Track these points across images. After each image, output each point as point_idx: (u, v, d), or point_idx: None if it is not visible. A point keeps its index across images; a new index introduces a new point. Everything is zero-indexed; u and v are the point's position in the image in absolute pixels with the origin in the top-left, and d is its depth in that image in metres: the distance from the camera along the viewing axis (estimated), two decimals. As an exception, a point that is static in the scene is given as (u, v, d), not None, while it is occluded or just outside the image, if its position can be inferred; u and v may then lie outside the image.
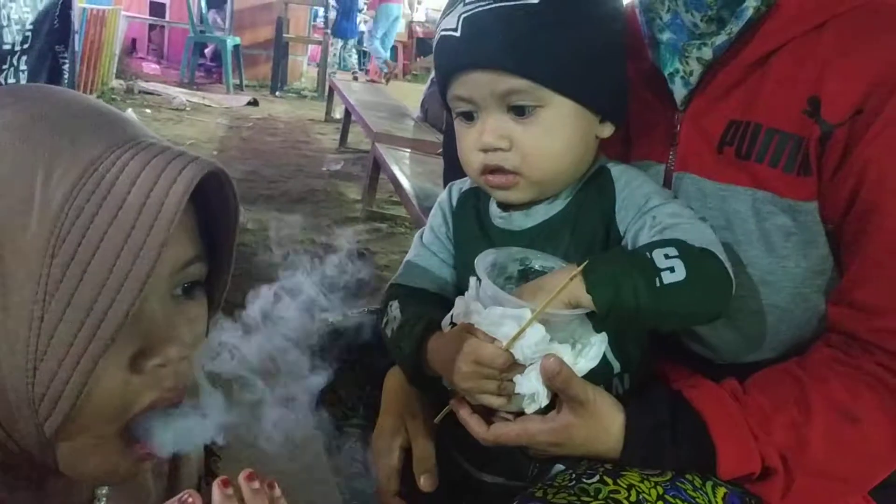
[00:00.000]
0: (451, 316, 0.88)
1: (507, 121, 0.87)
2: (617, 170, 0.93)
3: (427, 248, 1.03)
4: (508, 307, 0.81)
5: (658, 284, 0.78)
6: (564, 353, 0.81)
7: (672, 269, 0.78)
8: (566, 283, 0.78)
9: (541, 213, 0.93)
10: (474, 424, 0.85)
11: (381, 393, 1.05)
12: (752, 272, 0.89)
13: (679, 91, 0.94)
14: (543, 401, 0.81)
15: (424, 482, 0.94)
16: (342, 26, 10.14)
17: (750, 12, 0.86)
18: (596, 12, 0.89)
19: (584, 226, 0.91)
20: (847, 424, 0.81)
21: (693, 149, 0.93)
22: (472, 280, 0.86)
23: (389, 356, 1.02)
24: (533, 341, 0.80)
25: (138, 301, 0.56)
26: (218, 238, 0.70)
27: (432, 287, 1.00)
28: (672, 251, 0.79)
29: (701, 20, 0.89)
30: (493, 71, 0.85)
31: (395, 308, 0.97)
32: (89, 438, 0.62)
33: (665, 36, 0.94)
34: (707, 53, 0.89)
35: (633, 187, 0.90)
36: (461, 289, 0.91)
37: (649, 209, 0.87)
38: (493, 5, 0.84)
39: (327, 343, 1.17)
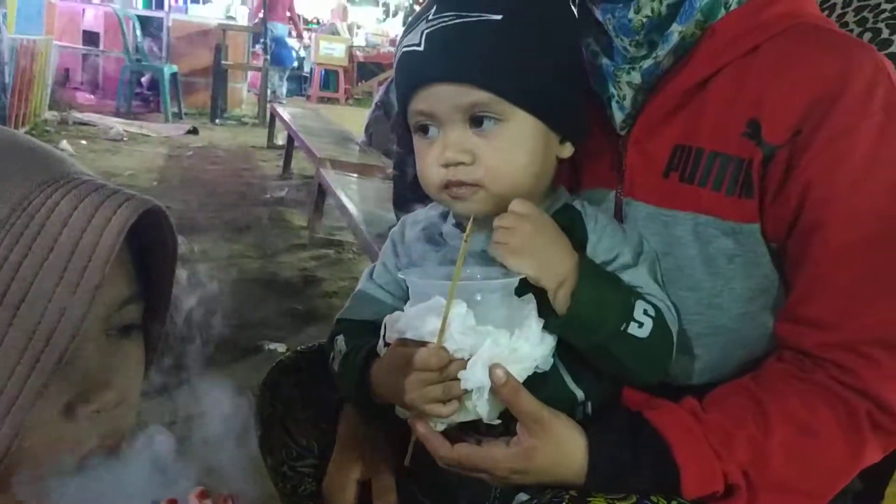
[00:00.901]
0: (383, 337, 0.87)
1: (469, 135, 0.87)
2: (585, 209, 0.94)
3: (374, 282, 1.02)
4: (433, 300, 0.81)
5: (623, 328, 0.82)
6: (501, 336, 0.80)
7: (640, 325, 0.83)
8: (464, 248, 0.82)
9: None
10: (436, 442, 0.83)
11: (337, 428, 1.02)
12: (698, 296, 0.89)
13: (617, 115, 0.95)
14: (485, 395, 0.79)
15: None
16: (281, 54, 10.06)
17: (675, 37, 0.87)
18: (556, 31, 0.90)
19: None
20: (805, 438, 0.81)
21: (639, 175, 0.94)
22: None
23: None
24: (460, 325, 0.79)
25: (72, 346, 0.54)
26: (155, 275, 0.67)
27: (378, 318, 0.98)
28: (651, 311, 0.84)
29: (630, 45, 0.91)
30: (457, 84, 0.85)
31: (340, 342, 0.96)
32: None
33: (600, 61, 0.95)
34: (636, 77, 0.91)
35: (606, 233, 0.91)
36: None
37: (625, 265, 0.89)
38: (457, 21, 0.85)
39: (277, 380, 1.13)
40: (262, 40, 9.36)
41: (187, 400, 0.66)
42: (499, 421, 0.83)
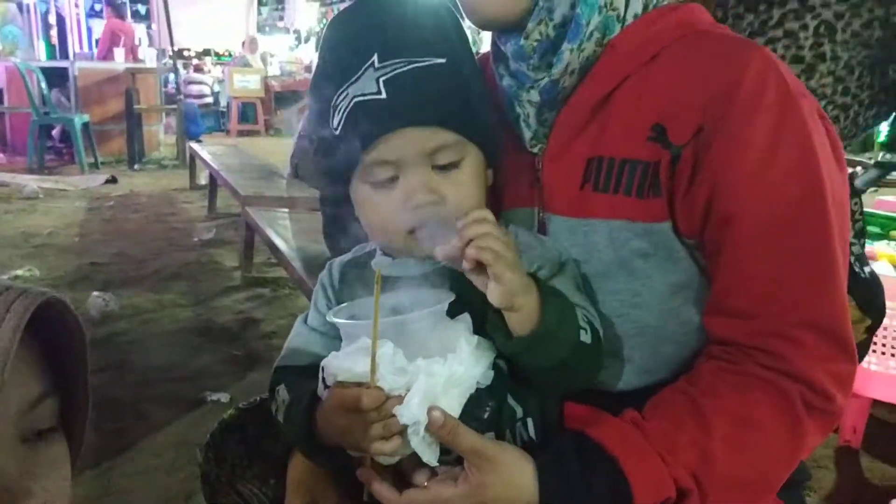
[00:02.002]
0: (323, 381, 0.86)
1: (432, 175, 0.89)
2: (506, 226, 0.95)
3: (308, 327, 1.01)
4: (361, 341, 0.81)
5: (578, 339, 0.83)
6: (434, 365, 0.80)
7: (586, 331, 0.84)
8: (377, 289, 0.80)
9: (433, 261, 0.92)
10: (385, 492, 0.82)
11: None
12: (620, 298, 0.92)
13: (525, 133, 0.99)
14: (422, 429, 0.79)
15: None
16: (190, 130, 9.81)
17: (567, 55, 0.91)
18: (475, 65, 0.96)
19: None
20: (745, 430, 0.83)
21: (557, 190, 0.96)
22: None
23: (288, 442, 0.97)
24: (390, 365, 0.79)
25: None
26: (68, 367, 0.64)
27: (316, 363, 0.97)
28: (587, 315, 0.86)
29: (528, 69, 0.95)
30: (426, 127, 0.87)
31: (282, 392, 0.94)
32: None
33: (505, 82, 0.99)
34: (535, 96, 0.95)
35: (526, 247, 0.92)
36: None
37: (546, 278, 0.89)
38: (410, 66, 0.87)
39: (220, 440, 1.11)
40: (172, 80, 9.16)
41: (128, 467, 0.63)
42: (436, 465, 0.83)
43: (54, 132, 9.14)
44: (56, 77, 8.98)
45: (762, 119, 0.84)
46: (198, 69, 13.39)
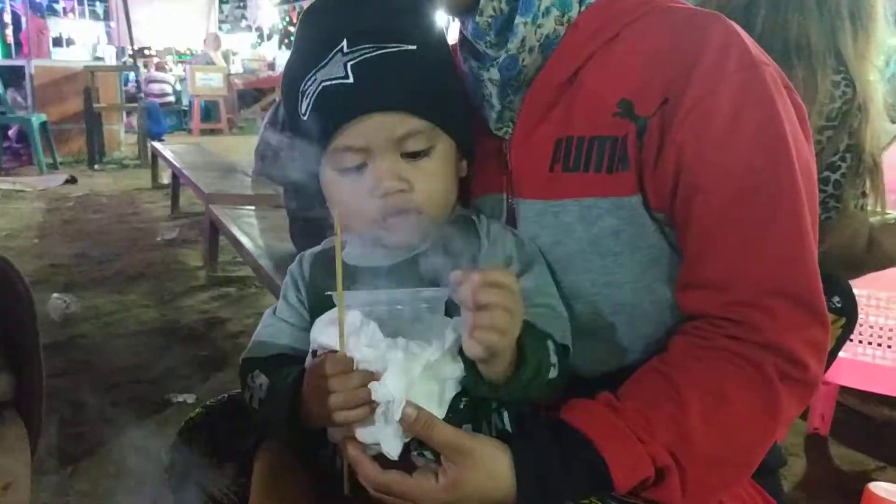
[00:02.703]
0: (313, 352, 0.85)
1: (401, 163, 0.88)
2: (479, 219, 0.95)
3: (277, 318, 0.99)
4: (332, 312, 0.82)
5: (547, 378, 0.83)
6: (416, 346, 0.79)
7: (555, 366, 0.84)
8: (338, 241, 0.80)
9: (402, 251, 0.92)
10: (366, 465, 0.80)
11: None
12: (593, 277, 0.91)
13: (490, 116, 0.99)
14: (397, 412, 0.77)
15: None
16: (153, 130, 9.66)
17: (522, 29, 0.92)
18: (448, 53, 0.96)
19: (452, 265, 0.87)
20: (721, 404, 0.82)
21: (525, 173, 0.96)
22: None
23: (259, 438, 0.95)
24: (359, 333, 0.79)
25: None
26: (21, 345, 0.62)
27: (290, 351, 0.97)
28: (553, 346, 0.84)
29: (487, 47, 0.96)
30: (394, 113, 0.86)
31: (258, 376, 0.92)
32: None
33: (468, 65, 1.00)
34: (495, 74, 0.95)
35: (498, 241, 0.92)
36: None
37: (517, 273, 0.87)
38: (380, 52, 0.86)
39: (187, 440, 1.08)
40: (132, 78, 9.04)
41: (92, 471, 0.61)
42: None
43: (11, 132, 8.96)
44: (12, 76, 8.83)
45: (725, 88, 0.84)
46: (159, 67, 13.22)
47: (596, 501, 0.81)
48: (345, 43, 0.86)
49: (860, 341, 2.17)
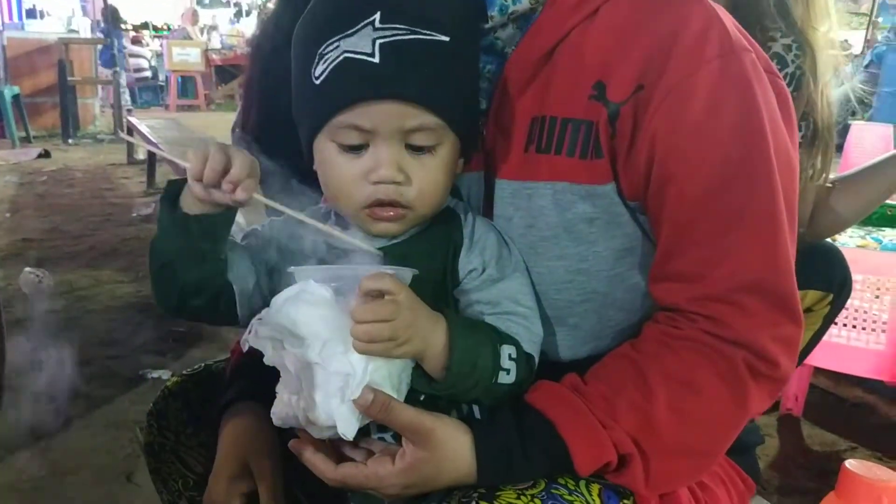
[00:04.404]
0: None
1: (403, 154, 0.84)
2: (464, 213, 0.92)
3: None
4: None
5: (493, 381, 0.82)
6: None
7: (508, 372, 0.83)
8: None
9: (383, 239, 0.89)
10: (320, 463, 0.80)
11: None
12: (566, 263, 0.89)
13: None
14: (356, 391, 0.76)
15: None
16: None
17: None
18: (477, 51, 0.91)
19: (428, 257, 0.88)
20: (688, 396, 0.81)
21: (501, 152, 0.93)
22: None
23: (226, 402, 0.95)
24: (316, 304, 0.78)
25: None
26: None
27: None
28: (513, 352, 0.84)
29: None
30: (412, 104, 0.81)
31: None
32: None
33: None
34: None
35: (479, 239, 0.89)
36: None
37: (493, 279, 0.87)
38: (413, 36, 0.80)
39: (163, 409, 1.07)
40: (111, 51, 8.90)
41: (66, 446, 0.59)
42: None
43: (-18, 105, 8.80)
44: (-17, 47, 8.65)
45: (702, 75, 0.81)
46: (135, 42, 13.00)
47: (570, 480, 0.81)
48: (378, 16, 0.80)
49: (834, 323, 2.19)
